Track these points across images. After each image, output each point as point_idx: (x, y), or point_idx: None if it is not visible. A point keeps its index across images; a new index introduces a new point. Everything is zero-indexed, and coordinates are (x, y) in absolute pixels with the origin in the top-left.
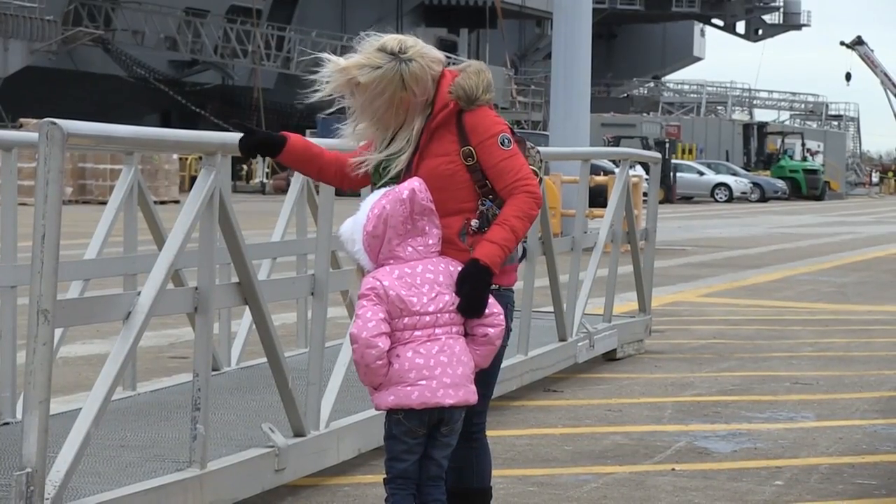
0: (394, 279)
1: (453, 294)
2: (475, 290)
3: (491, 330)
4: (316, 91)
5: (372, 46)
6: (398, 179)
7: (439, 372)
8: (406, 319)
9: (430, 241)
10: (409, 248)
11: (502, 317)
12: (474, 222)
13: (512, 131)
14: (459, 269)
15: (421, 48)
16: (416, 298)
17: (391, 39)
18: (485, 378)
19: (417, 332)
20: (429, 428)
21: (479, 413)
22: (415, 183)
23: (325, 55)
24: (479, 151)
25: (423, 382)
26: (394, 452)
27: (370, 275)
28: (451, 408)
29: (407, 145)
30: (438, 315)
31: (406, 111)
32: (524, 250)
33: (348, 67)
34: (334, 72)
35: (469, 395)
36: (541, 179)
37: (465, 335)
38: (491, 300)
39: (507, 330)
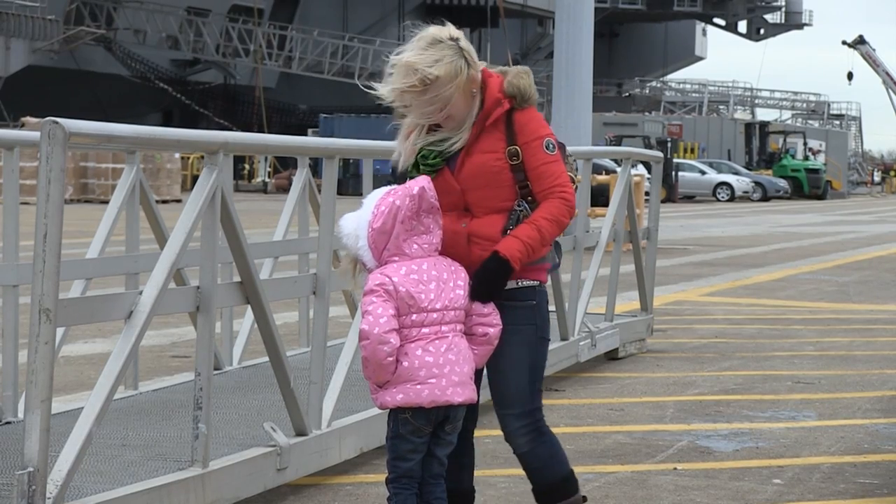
0: (402, 275)
1: (457, 292)
2: (490, 280)
3: (491, 330)
4: (381, 90)
5: (426, 41)
6: (437, 169)
7: (448, 370)
8: (414, 316)
9: (434, 241)
10: (415, 246)
11: (499, 317)
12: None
13: (555, 138)
14: (461, 269)
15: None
16: (423, 295)
17: (438, 31)
18: (534, 371)
19: (425, 330)
20: (433, 426)
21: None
22: (423, 182)
23: (391, 57)
24: (524, 151)
25: (433, 381)
26: (399, 452)
27: (378, 270)
28: (458, 406)
29: (462, 131)
30: (445, 312)
31: (475, 90)
32: (558, 261)
33: (417, 65)
34: (404, 71)
35: (473, 393)
36: (576, 188)
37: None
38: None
39: (546, 322)
